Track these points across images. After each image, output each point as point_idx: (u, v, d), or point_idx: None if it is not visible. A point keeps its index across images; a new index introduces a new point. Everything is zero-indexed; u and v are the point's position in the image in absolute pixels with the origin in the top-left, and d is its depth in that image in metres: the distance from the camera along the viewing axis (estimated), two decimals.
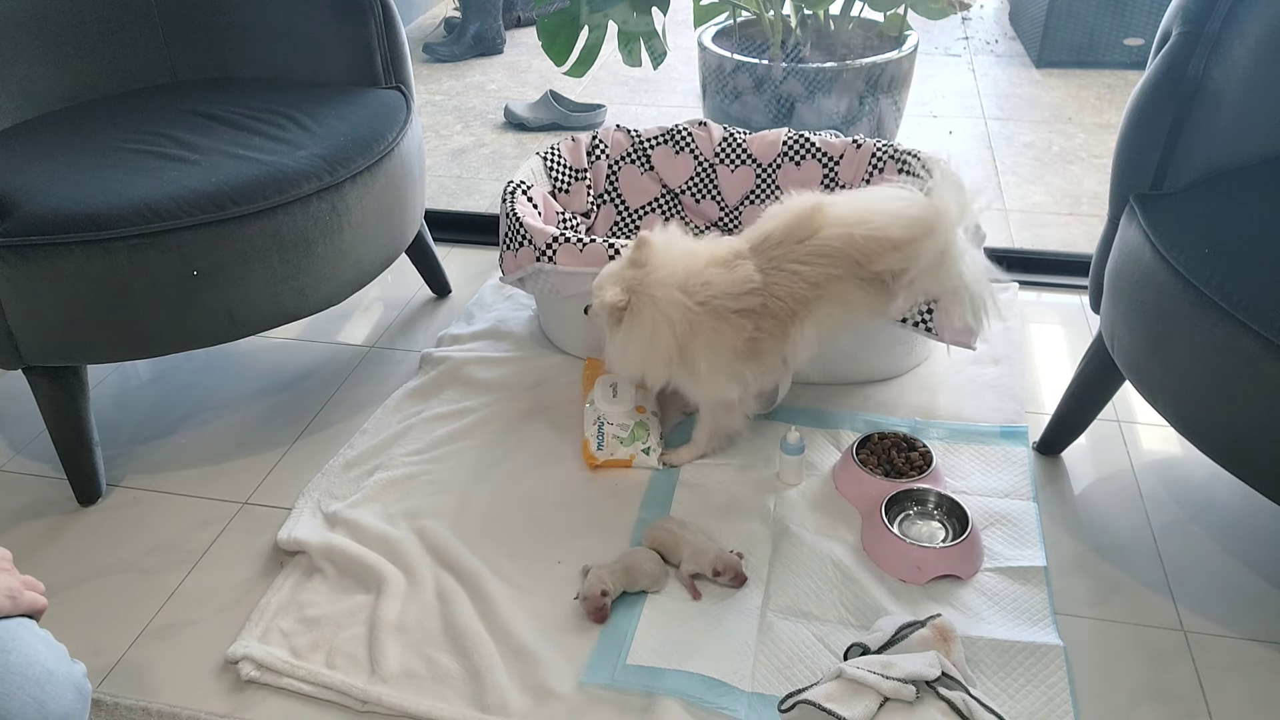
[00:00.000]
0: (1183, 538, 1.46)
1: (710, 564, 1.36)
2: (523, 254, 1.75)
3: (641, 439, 1.61)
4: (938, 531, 1.43)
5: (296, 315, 1.64)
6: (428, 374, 1.86)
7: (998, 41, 3.80)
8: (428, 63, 3.75)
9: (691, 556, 1.38)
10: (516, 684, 1.25)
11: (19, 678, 0.82)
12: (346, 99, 1.79)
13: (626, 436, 1.61)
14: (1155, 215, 1.32)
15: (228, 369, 1.95)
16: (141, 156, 1.55)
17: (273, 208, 1.52)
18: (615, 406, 1.64)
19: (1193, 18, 1.31)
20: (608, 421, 1.62)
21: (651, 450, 1.61)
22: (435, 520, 1.51)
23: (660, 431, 1.65)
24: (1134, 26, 3.37)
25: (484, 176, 2.81)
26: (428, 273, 2.14)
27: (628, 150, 2.10)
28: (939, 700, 1.09)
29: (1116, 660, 1.28)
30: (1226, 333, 1.17)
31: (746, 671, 1.25)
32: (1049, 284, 2.11)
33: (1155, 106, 1.35)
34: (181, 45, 1.93)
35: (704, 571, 1.37)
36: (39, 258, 1.39)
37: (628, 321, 1.44)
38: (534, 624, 1.33)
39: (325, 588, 1.41)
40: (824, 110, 2.44)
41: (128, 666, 1.32)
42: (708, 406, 1.57)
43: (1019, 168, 2.73)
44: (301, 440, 1.74)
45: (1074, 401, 1.58)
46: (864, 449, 1.56)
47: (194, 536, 1.53)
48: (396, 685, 1.25)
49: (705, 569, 1.37)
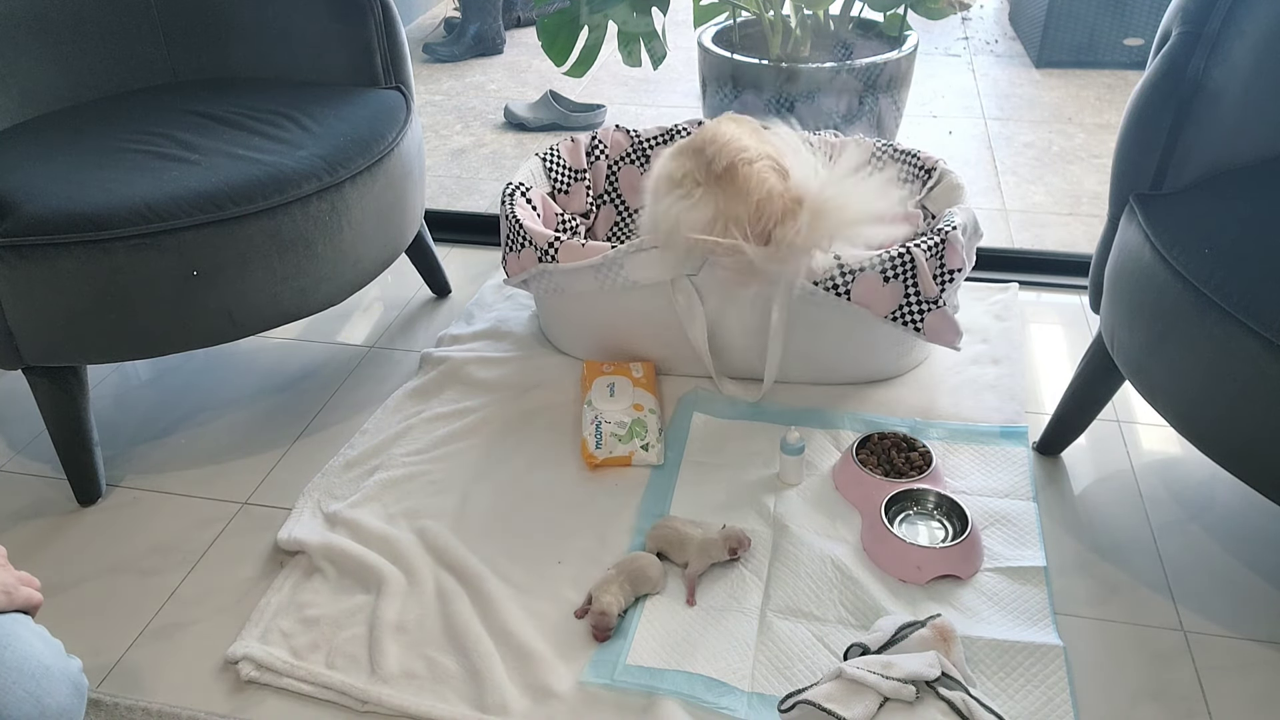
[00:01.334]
0: (1183, 538, 1.46)
1: (723, 548, 1.38)
2: (525, 255, 1.75)
3: (640, 436, 1.61)
4: (938, 532, 1.44)
5: (296, 315, 1.64)
6: (428, 374, 1.86)
7: (997, 41, 3.80)
8: (428, 63, 3.76)
9: (701, 551, 1.39)
10: (516, 684, 1.25)
11: (14, 673, 0.82)
12: (346, 99, 1.79)
13: (624, 434, 1.61)
14: (1155, 215, 1.33)
15: (228, 369, 1.96)
16: (141, 156, 1.56)
17: (273, 208, 1.52)
18: (612, 404, 1.64)
19: (1193, 18, 1.31)
20: (605, 420, 1.63)
21: (650, 446, 1.61)
22: (435, 520, 1.51)
23: (660, 428, 1.65)
24: (1134, 26, 3.37)
25: (484, 176, 2.81)
26: (428, 273, 2.14)
27: (627, 150, 2.11)
28: (939, 700, 1.09)
29: (1116, 660, 1.28)
30: (1226, 333, 1.17)
31: (746, 671, 1.25)
32: (1049, 284, 2.11)
33: (1155, 106, 1.35)
34: (181, 45, 1.93)
35: (720, 558, 1.38)
36: (39, 258, 1.40)
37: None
38: (534, 624, 1.33)
39: (325, 588, 1.41)
40: (824, 110, 2.44)
41: (127, 666, 1.32)
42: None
43: (1019, 168, 2.73)
44: (301, 440, 1.74)
45: (1074, 401, 1.58)
46: (864, 449, 1.56)
47: (194, 536, 1.53)
48: (396, 685, 1.26)
49: (720, 556, 1.38)
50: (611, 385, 1.68)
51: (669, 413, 1.73)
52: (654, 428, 1.64)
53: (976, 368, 1.82)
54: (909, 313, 1.64)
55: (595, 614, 1.30)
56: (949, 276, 1.65)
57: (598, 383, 1.69)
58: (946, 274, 1.65)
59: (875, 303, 1.62)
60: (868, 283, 1.60)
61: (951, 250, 1.63)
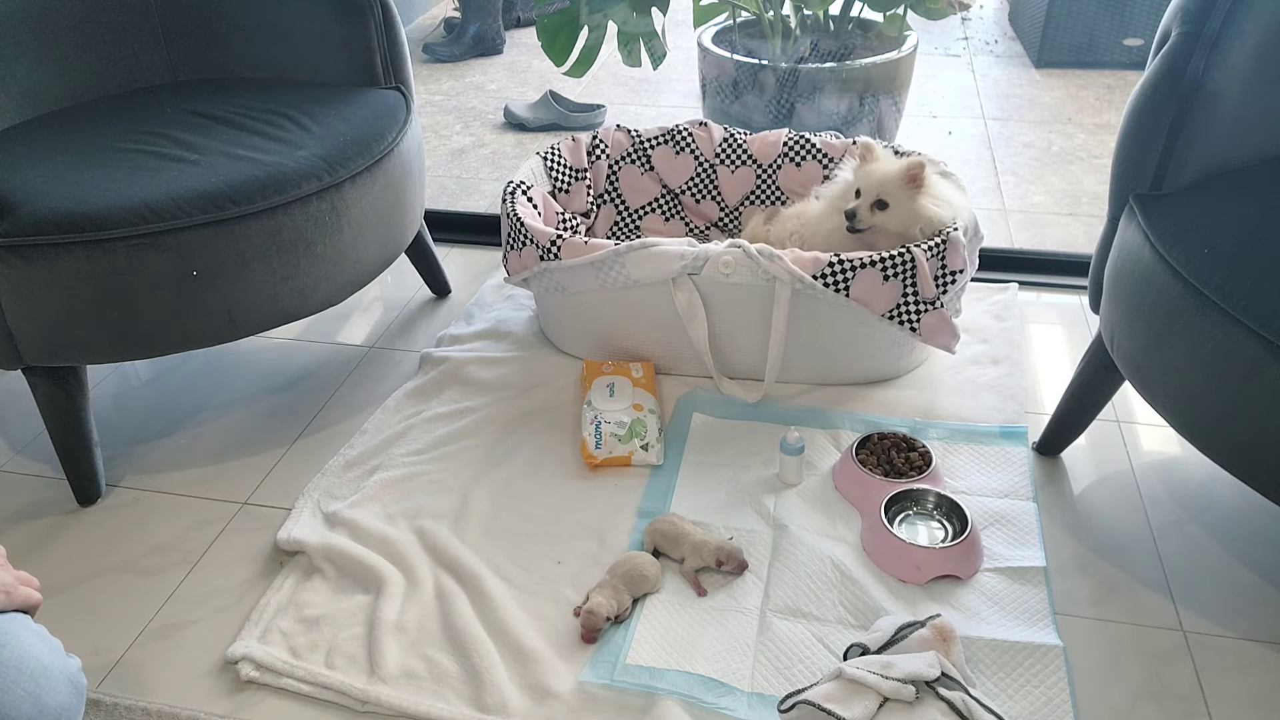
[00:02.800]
0: (1182, 538, 1.46)
1: (713, 556, 1.37)
2: (526, 254, 1.75)
3: (640, 435, 1.61)
4: (937, 532, 1.44)
5: (296, 315, 1.64)
6: (427, 374, 1.86)
7: (997, 42, 3.80)
8: (428, 63, 3.76)
9: (693, 551, 1.39)
10: (516, 684, 1.25)
11: (13, 671, 0.82)
12: (346, 99, 1.79)
13: (624, 434, 1.61)
14: (1155, 215, 1.33)
15: (228, 369, 1.96)
16: (141, 156, 1.55)
17: (272, 208, 1.52)
18: (611, 404, 1.64)
19: (1192, 18, 1.31)
20: (604, 420, 1.63)
21: (650, 446, 1.61)
22: (435, 520, 1.51)
23: (660, 428, 1.65)
24: (1134, 27, 3.37)
25: (484, 176, 2.81)
26: (427, 273, 2.14)
27: (628, 150, 2.11)
28: (938, 700, 1.09)
29: (1116, 660, 1.28)
30: (1226, 333, 1.17)
31: (746, 671, 1.25)
32: (1049, 284, 2.11)
33: (1155, 107, 1.35)
34: (181, 45, 1.93)
35: (708, 564, 1.38)
36: (39, 258, 1.39)
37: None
38: (534, 624, 1.33)
39: (325, 588, 1.41)
40: (824, 111, 2.44)
41: (127, 666, 1.32)
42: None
43: (1019, 168, 2.73)
44: (301, 440, 1.74)
45: (1074, 402, 1.58)
46: (864, 449, 1.56)
47: (194, 536, 1.53)
48: (396, 685, 1.25)
49: (708, 561, 1.38)
50: (611, 385, 1.68)
51: (669, 412, 1.73)
52: (654, 427, 1.64)
53: (976, 368, 1.82)
54: (906, 312, 1.64)
55: (584, 613, 1.30)
56: (950, 278, 1.65)
57: (597, 383, 1.69)
58: (948, 275, 1.65)
59: (873, 300, 1.62)
60: (867, 280, 1.60)
61: (953, 251, 1.63)
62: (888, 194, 1.70)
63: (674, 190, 2.13)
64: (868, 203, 1.71)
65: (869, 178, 1.73)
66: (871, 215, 1.71)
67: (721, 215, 2.13)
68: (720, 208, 2.12)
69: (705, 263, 1.64)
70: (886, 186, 1.70)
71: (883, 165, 1.73)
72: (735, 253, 1.63)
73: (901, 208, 1.69)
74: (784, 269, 1.60)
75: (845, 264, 1.60)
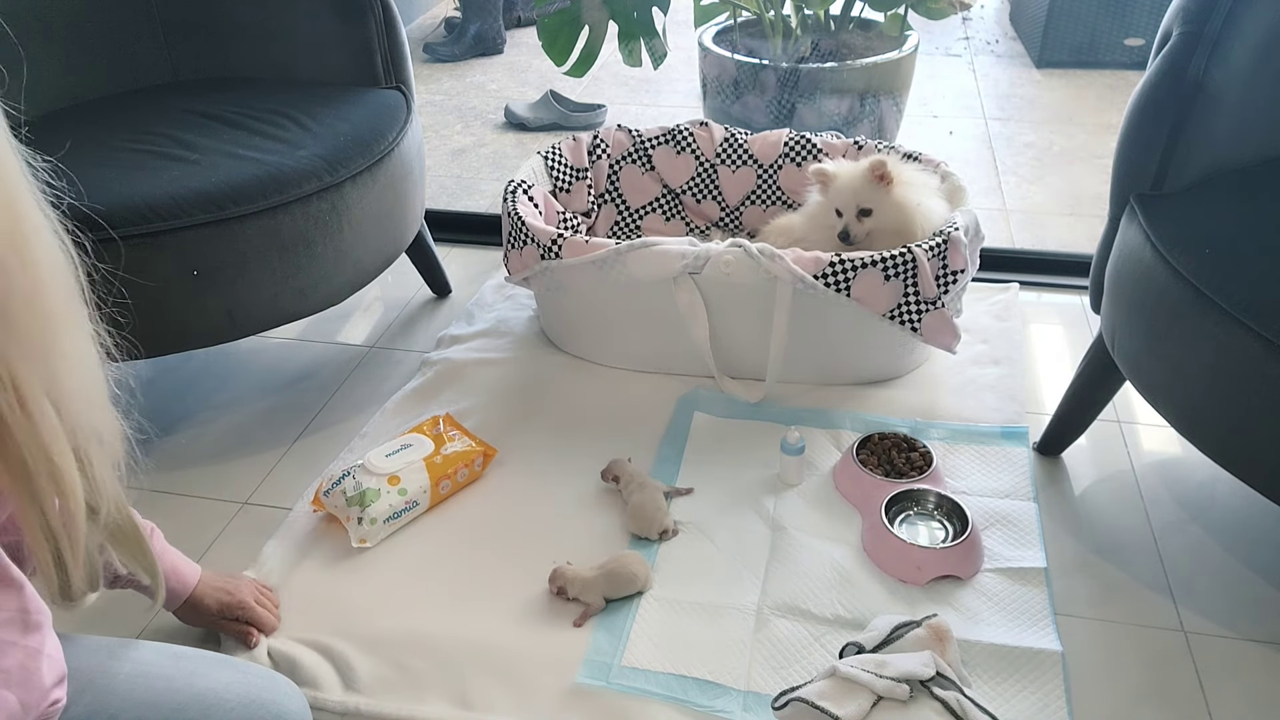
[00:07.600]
0: (1183, 538, 1.46)
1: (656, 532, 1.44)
2: (527, 253, 1.75)
3: (362, 505, 1.43)
4: (938, 532, 1.43)
5: (296, 315, 1.64)
6: (427, 375, 1.86)
7: (998, 41, 3.80)
8: (428, 63, 3.76)
9: (634, 515, 1.45)
10: (510, 685, 1.24)
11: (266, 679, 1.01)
12: (346, 99, 1.79)
13: (353, 497, 1.44)
14: (1155, 215, 1.32)
15: (228, 369, 1.96)
16: (141, 156, 1.55)
17: (273, 208, 1.52)
18: (378, 462, 1.48)
19: (1193, 18, 1.31)
20: (354, 472, 1.48)
21: (365, 523, 1.42)
22: (434, 520, 1.51)
23: (391, 516, 1.45)
24: (1134, 27, 3.37)
25: (484, 176, 2.81)
26: (428, 273, 2.14)
27: (629, 150, 2.11)
28: (933, 700, 1.09)
29: (1116, 661, 1.27)
30: (1227, 333, 1.16)
31: (742, 670, 1.25)
32: (1049, 284, 2.11)
33: (1155, 107, 1.35)
34: (181, 45, 1.93)
35: (649, 536, 1.44)
36: None
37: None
38: (529, 625, 1.33)
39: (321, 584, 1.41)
40: (825, 110, 2.44)
41: None
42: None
43: (1019, 168, 2.72)
44: (301, 440, 1.74)
45: (1074, 402, 1.58)
46: (864, 449, 1.56)
47: (194, 536, 1.53)
48: (385, 688, 1.25)
49: (651, 534, 1.44)
50: (407, 445, 1.53)
51: (669, 412, 1.73)
52: (386, 511, 1.44)
53: (977, 368, 1.82)
54: (907, 312, 1.64)
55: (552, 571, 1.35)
56: (951, 278, 1.65)
57: (406, 437, 1.56)
58: (949, 275, 1.64)
59: (874, 300, 1.62)
60: (868, 279, 1.60)
61: (954, 251, 1.63)
62: (864, 200, 1.73)
63: (675, 190, 2.13)
64: (852, 216, 1.75)
65: (841, 194, 1.76)
66: (862, 225, 1.75)
67: (722, 215, 2.13)
68: (721, 208, 2.12)
69: (706, 262, 1.64)
70: (860, 194, 1.73)
71: (847, 177, 1.75)
72: (736, 252, 1.63)
73: (884, 206, 1.73)
74: (785, 269, 1.60)
75: (846, 264, 1.60)
